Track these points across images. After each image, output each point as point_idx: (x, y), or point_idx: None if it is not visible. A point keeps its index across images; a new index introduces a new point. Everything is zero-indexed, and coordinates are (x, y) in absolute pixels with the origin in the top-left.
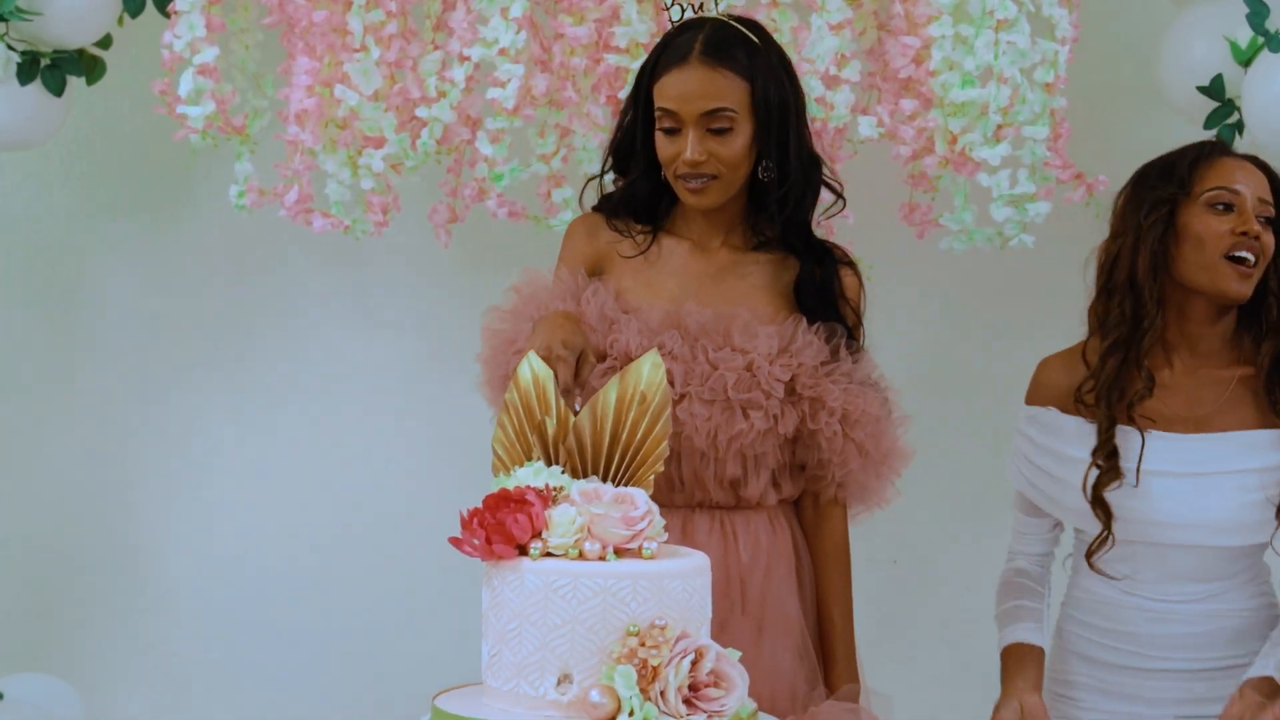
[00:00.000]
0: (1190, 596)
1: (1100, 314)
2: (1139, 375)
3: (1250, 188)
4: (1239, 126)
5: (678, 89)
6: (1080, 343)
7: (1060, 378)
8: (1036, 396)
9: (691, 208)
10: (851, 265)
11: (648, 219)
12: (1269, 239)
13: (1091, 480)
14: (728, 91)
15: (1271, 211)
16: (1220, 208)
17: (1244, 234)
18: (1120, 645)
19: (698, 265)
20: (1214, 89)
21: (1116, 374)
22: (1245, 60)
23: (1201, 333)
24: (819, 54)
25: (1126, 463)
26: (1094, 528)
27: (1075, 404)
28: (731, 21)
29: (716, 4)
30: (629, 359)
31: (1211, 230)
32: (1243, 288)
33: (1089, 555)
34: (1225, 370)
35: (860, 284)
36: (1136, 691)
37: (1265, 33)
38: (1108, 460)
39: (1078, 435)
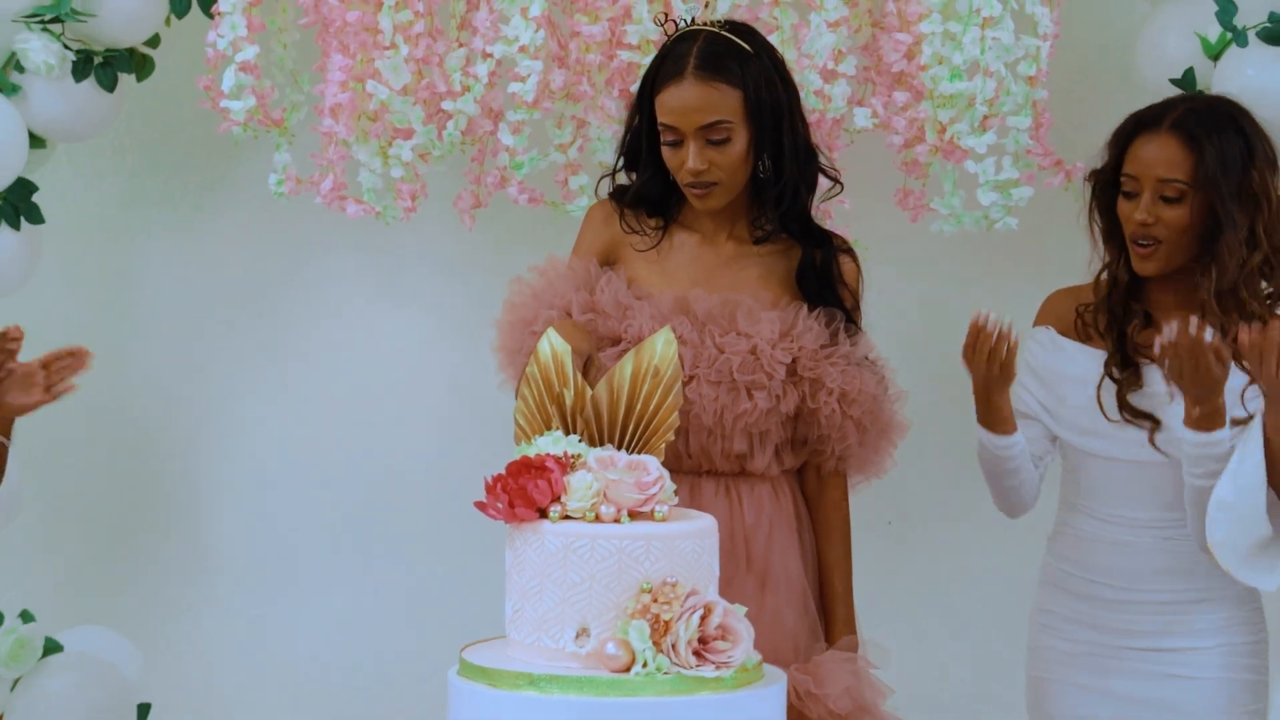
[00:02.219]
0: (1161, 523)
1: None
2: (1134, 314)
3: (1152, 169)
4: None
5: (676, 104)
6: (1090, 282)
7: (1063, 303)
8: (1040, 318)
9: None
10: (850, 252)
11: (660, 213)
12: (1173, 213)
13: (1113, 394)
14: (723, 104)
15: (1176, 189)
16: (1128, 195)
17: (1139, 223)
18: (1096, 578)
19: (706, 256)
20: (1186, 81)
21: (1118, 309)
22: (1215, 54)
23: (1160, 283)
24: (817, 50)
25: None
26: (1086, 442)
27: (1074, 327)
28: (724, 32)
29: (707, 5)
30: (641, 342)
31: (1124, 214)
32: (1143, 266)
33: (1122, 399)
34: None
35: (858, 269)
36: (1111, 623)
37: (1233, 29)
38: (1123, 369)
39: (1074, 356)
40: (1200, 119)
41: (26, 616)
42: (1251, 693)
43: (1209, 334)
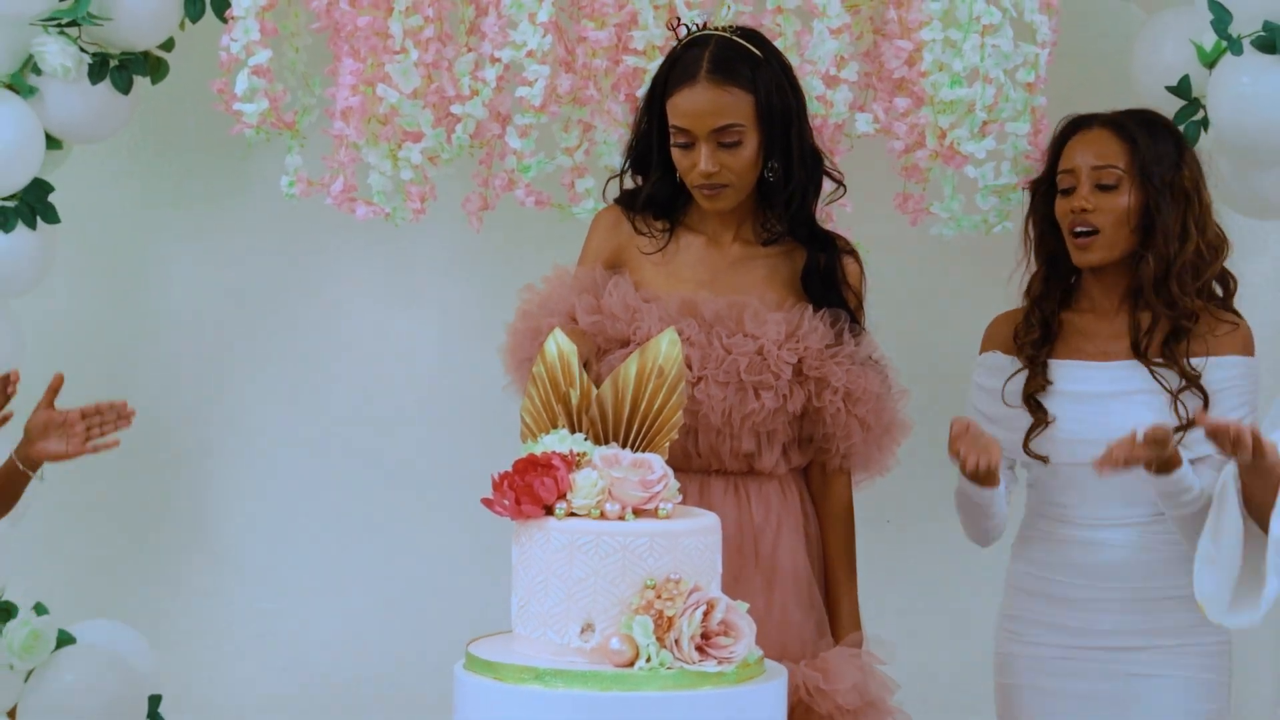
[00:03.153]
0: (1121, 520)
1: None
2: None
3: (1086, 160)
4: (1204, 123)
5: (689, 107)
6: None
7: (1003, 326)
8: (984, 345)
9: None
10: (854, 254)
11: (667, 216)
12: (1110, 201)
13: (1018, 385)
14: (735, 107)
15: (1113, 176)
16: (1064, 191)
17: (1075, 211)
18: (1060, 577)
19: (713, 258)
20: (1181, 89)
21: (1029, 318)
22: (1210, 62)
23: (1102, 283)
24: (820, 56)
25: (1055, 385)
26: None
27: (1016, 347)
28: (735, 37)
29: (726, 8)
30: None
31: (1061, 212)
32: (1082, 256)
33: (1025, 440)
34: (1136, 315)
35: (862, 271)
36: (1076, 623)
37: (1228, 37)
38: (1034, 371)
39: (1020, 374)
40: (1131, 118)
41: (40, 609)
42: (1213, 692)
43: (1139, 435)
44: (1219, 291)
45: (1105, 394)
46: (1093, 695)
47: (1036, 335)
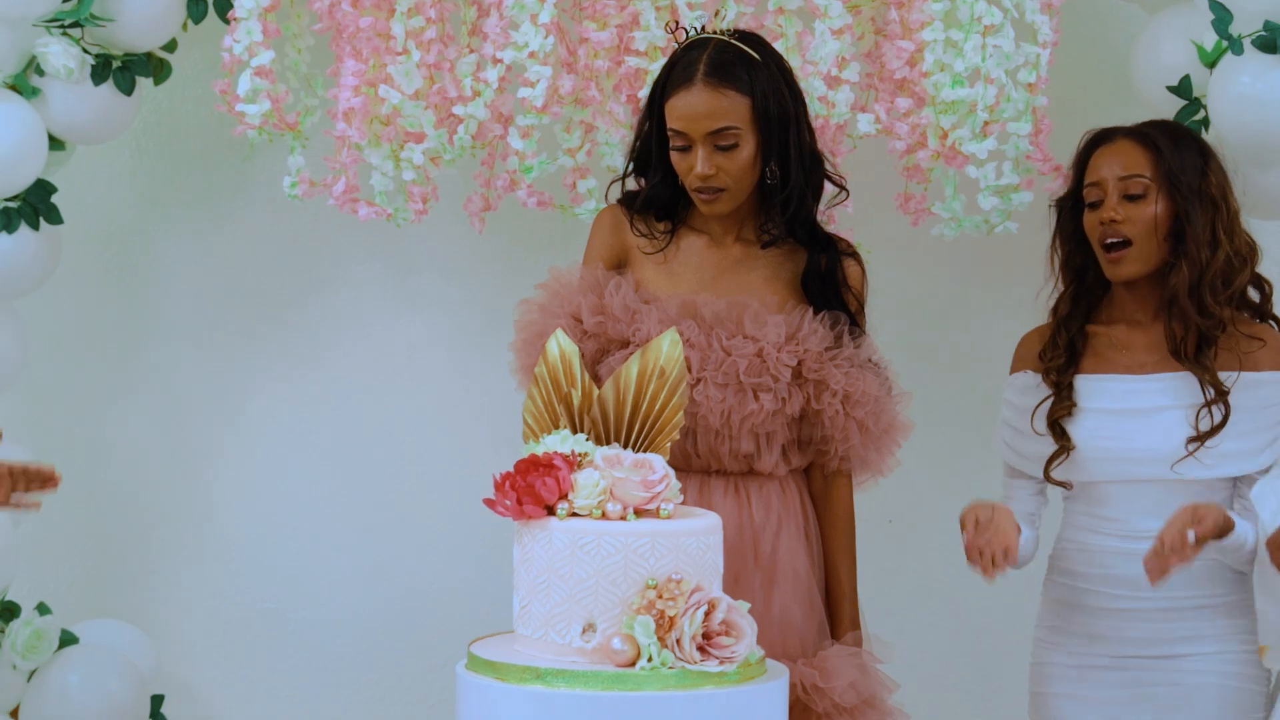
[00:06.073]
0: (1156, 533)
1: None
2: (1083, 337)
3: (1112, 171)
4: (1205, 123)
5: (685, 110)
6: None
7: (1035, 345)
8: (1015, 365)
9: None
10: (855, 255)
11: (668, 216)
12: (1139, 211)
13: (1046, 408)
14: (731, 110)
15: (1140, 185)
16: (1092, 205)
17: (1105, 222)
18: (1097, 588)
19: (713, 258)
20: (1182, 89)
21: (1055, 339)
22: (1210, 62)
23: (1135, 295)
24: (821, 57)
25: (1084, 403)
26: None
27: (1041, 365)
28: (733, 40)
29: (719, 15)
30: None
31: (1090, 225)
32: (1115, 270)
33: (1046, 468)
34: (1171, 324)
35: (863, 273)
36: (1115, 633)
37: (1229, 37)
38: (1060, 395)
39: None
40: (1155, 128)
41: (43, 609)
42: (1250, 701)
43: (1190, 536)
44: (1255, 297)
45: (1138, 409)
46: (1129, 704)
47: (1062, 359)
